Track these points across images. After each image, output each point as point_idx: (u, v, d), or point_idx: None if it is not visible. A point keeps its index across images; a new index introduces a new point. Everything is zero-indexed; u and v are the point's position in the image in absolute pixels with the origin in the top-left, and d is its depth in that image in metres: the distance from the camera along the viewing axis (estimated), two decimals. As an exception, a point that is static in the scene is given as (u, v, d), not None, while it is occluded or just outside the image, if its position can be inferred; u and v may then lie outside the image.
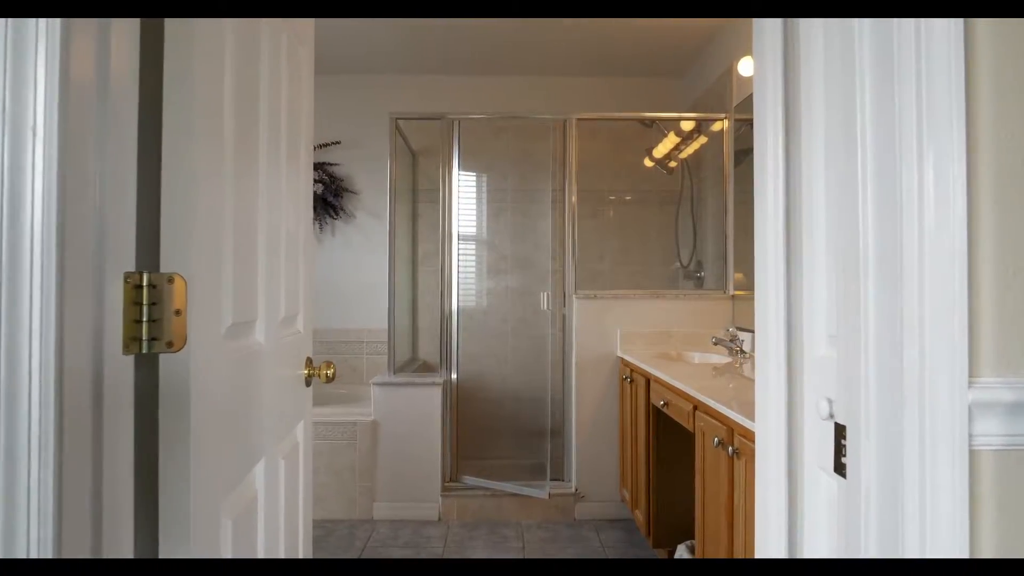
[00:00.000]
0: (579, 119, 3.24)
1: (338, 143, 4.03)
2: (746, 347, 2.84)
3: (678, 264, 3.78)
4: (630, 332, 3.14)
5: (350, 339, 4.06)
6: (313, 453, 3.26)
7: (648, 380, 2.56)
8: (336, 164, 4.04)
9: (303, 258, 1.39)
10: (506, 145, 4.00)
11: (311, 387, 1.47)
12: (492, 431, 3.85)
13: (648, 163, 3.87)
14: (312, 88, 1.46)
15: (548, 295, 3.47)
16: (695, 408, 1.94)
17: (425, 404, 3.15)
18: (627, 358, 2.94)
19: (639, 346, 3.12)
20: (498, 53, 3.74)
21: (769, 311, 1.19)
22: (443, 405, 3.19)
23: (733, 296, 3.16)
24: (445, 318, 3.31)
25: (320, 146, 4.00)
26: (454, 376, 3.32)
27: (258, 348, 1.04)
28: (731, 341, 2.81)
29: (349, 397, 3.76)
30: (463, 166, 3.89)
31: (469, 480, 3.20)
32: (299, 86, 1.33)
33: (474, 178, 4.03)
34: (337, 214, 4.03)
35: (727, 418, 1.65)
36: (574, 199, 3.26)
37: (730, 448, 1.60)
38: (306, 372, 1.41)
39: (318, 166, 3.98)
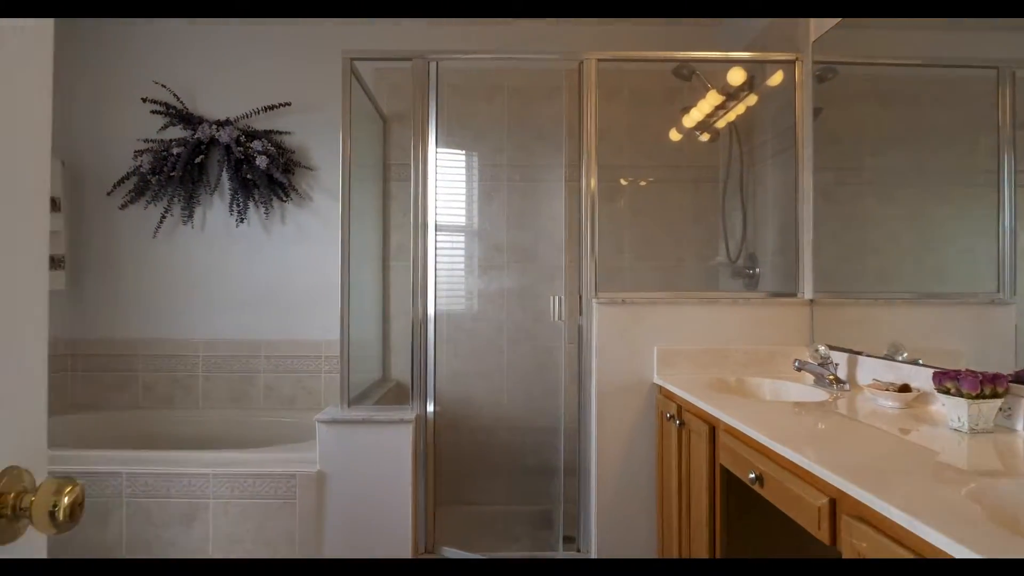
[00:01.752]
0: (600, 60, 2.40)
1: (287, 105, 3.17)
2: (841, 373, 2.01)
3: (723, 258, 2.94)
4: (670, 349, 2.30)
5: (305, 353, 3.21)
6: (239, 516, 2.42)
7: (713, 428, 1.72)
8: (286, 132, 3.19)
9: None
10: (501, 109, 3.16)
11: (26, 535, 0.63)
12: (482, 475, 3.01)
13: (681, 130, 3.04)
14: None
15: (559, 299, 2.63)
16: (833, 504, 1.11)
17: (390, 448, 2.31)
18: (668, 387, 2.10)
19: (684, 369, 2.28)
20: (491, -12, 2.90)
21: None
22: (415, 448, 2.35)
23: (812, 301, 2.32)
24: (418, 326, 2.46)
25: (266, 108, 3.15)
26: (430, 408, 2.46)
27: None
28: (821, 365, 1.98)
29: (300, 431, 2.91)
30: (446, 140, 3.05)
31: (450, 553, 2.36)
32: None
33: (463, 155, 3.19)
34: (287, 195, 3.18)
35: (923, 542, 0.81)
36: (593, 181, 2.42)
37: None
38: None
39: (263, 134, 3.14)
